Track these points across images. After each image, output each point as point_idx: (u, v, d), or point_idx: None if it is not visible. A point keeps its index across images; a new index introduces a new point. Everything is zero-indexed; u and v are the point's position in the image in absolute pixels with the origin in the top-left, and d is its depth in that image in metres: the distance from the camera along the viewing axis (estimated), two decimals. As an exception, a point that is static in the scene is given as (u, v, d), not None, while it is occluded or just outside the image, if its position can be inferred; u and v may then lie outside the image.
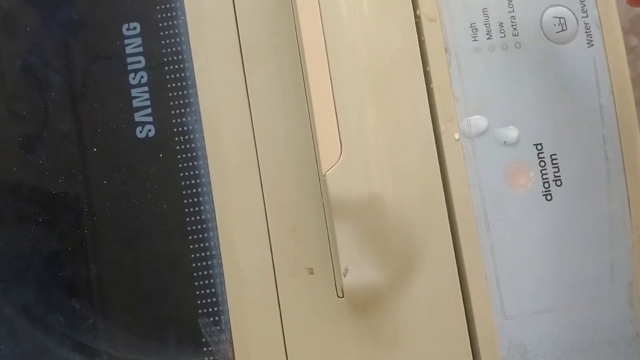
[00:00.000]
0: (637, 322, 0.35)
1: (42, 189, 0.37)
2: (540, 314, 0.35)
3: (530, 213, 0.35)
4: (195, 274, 0.36)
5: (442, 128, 0.35)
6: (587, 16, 0.36)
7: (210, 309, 0.35)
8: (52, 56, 0.37)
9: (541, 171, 0.35)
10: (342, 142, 0.33)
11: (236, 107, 0.36)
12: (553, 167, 0.35)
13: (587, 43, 0.36)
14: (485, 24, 0.36)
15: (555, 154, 0.35)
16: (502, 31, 0.36)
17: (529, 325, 0.35)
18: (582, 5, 0.37)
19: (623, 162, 0.36)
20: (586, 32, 0.36)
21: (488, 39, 0.36)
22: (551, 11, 0.36)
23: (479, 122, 0.35)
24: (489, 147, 0.35)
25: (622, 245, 0.35)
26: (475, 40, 0.36)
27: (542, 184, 0.35)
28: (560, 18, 0.36)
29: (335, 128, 0.33)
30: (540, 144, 0.35)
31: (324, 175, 0.33)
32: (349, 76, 0.34)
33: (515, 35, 0.36)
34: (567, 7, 0.36)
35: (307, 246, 0.35)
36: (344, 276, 0.33)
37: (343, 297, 0.34)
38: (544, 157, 0.35)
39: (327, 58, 0.34)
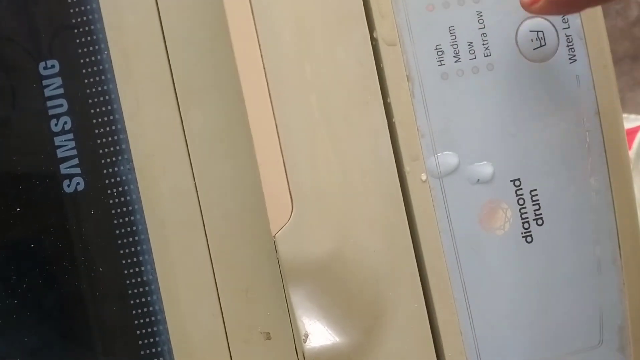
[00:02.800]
0: (629, 369, 0.32)
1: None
2: (523, 369, 0.31)
3: (508, 258, 0.31)
4: (140, 342, 0.32)
5: (407, 168, 0.31)
6: (568, 27, 0.32)
7: (159, 381, 0.32)
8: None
9: (520, 210, 0.31)
10: (292, 196, 0.29)
11: (173, 153, 0.32)
12: (533, 205, 0.31)
13: (569, 58, 0.32)
14: (453, 45, 0.31)
15: (535, 190, 0.31)
16: (471, 52, 0.31)
17: (510, 384, 0.31)
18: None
19: (612, 194, 0.32)
20: (568, 46, 0.32)
21: (456, 61, 0.31)
22: (528, 24, 0.32)
23: (449, 159, 0.31)
24: (460, 187, 0.31)
25: (612, 286, 0.32)
26: (441, 64, 0.31)
27: (522, 224, 0.31)
28: (537, 32, 0.32)
29: (284, 181, 0.29)
30: (518, 180, 0.31)
31: (274, 237, 0.29)
32: (296, 116, 0.30)
33: (487, 56, 0.31)
34: (545, 19, 0.32)
35: (262, 308, 0.32)
36: (304, 342, 0.30)
37: (304, 363, 0.31)
38: (522, 194, 0.31)
39: (270, 96, 0.30)
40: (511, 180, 0.31)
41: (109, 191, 0.32)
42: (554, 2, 0.29)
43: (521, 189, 0.31)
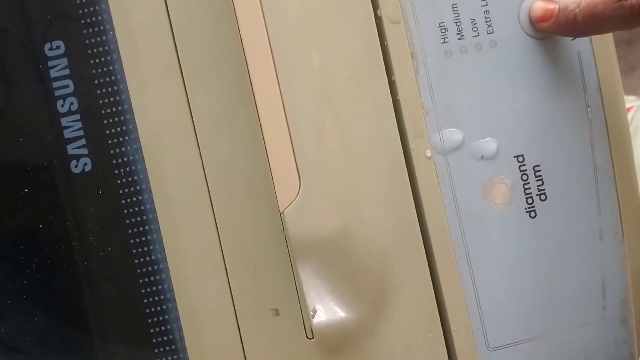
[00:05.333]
0: (630, 341, 0.33)
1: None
2: (528, 342, 0.32)
3: (512, 233, 0.32)
4: (149, 320, 0.32)
5: (412, 145, 0.31)
6: (570, 4, 0.32)
7: (168, 358, 0.32)
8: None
9: (524, 185, 0.32)
10: (300, 173, 0.30)
11: (180, 133, 0.32)
12: (536, 180, 0.32)
13: (571, 35, 0.32)
14: (456, 22, 0.31)
15: (538, 165, 0.32)
16: (474, 29, 0.32)
17: (515, 356, 0.32)
18: (564, -9, 0.32)
19: (613, 168, 0.32)
20: (569, 23, 0.32)
21: (459, 39, 0.31)
22: (530, 1, 0.32)
23: (453, 135, 0.32)
24: (464, 163, 0.32)
25: (614, 260, 0.32)
26: (445, 41, 0.31)
27: (525, 199, 0.32)
28: (540, 9, 0.32)
29: (291, 159, 0.30)
30: (522, 156, 0.32)
31: (282, 214, 0.29)
32: (302, 94, 0.30)
33: (490, 33, 0.32)
34: (547, -4, 0.32)
35: (270, 285, 0.32)
36: (312, 318, 0.30)
37: (313, 338, 0.31)
38: (526, 170, 0.32)
39: (276, 74, 0.30)
40: (515, 157, 0.32)
41: (116, 171, 0.32)
42: (558, 27, 0.31)
43: (524, 164, 0.32)
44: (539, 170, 0.32)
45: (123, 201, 0.32)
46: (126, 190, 0.32)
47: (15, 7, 0.32)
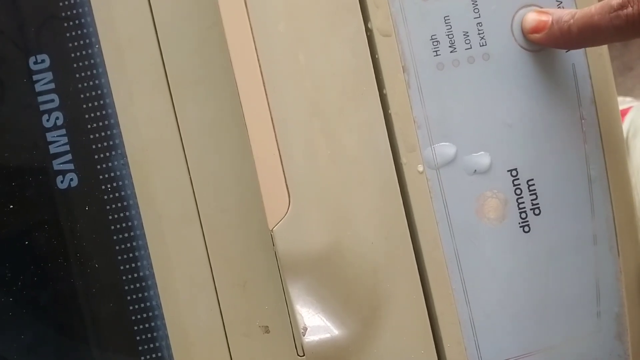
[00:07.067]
0: (626, 356, 0.32)
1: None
2: (522, 357, 0.32)
3: (506, 248, 0.31)
4: (138, 337, 0.32)
5: (404, 160, 0.31)
6: (564, 15, 0.32)
7: (157, 376, 0.32)
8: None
9: (517, 200, 0.31)
10: (289, 190, 0.29)
11: (168, 148, 0.31)
12: (530, 195, 0.31)
13: (565, 47, 0.32)
14: (448, 35, 0.31)
15: (532, 179, 0.31)
16: (467, 41, 0.31)
17: (509, 373, 0.32)
18: (558, 3, 0.32)
19: (608, 181, 0.32)
20: (563, 34, 0.32)
21: (452, 52, 0.31)
22: (523, 13, 0.31)
23: (445, 149, 0.31)
24: (457, 177, 0.31)
25: (609, 274, 0.32)
26: (437, 54, 0.31)
27: (519, 214, 0.31)
28: (533, 20, 0.31)
29: (280, 174, 0.29)
30: (515, 170, 0.31)
31: (272, 231, 0.29)
32: (291, 108, 0.30)
33: (483, 46, 0.31)
34: (540, 7, 0.32)
35: (260, 302, 0.31)
36: (303, 336, 0.30)
37: (304, 356, 0.31)
38: (519, 184, 0.31)
39: (265, 88, 0.29)
40: (508, 170, 0.31)
41: (103, 187, 0.32)
42: (552, 38, 0.30)
43: (518, 179, 0.31)
44: (533, 185, 0.31)
45: (110, 217, 0.32)
46: (113, 206, 0.32)
47: (-2, 20, 0.32)
